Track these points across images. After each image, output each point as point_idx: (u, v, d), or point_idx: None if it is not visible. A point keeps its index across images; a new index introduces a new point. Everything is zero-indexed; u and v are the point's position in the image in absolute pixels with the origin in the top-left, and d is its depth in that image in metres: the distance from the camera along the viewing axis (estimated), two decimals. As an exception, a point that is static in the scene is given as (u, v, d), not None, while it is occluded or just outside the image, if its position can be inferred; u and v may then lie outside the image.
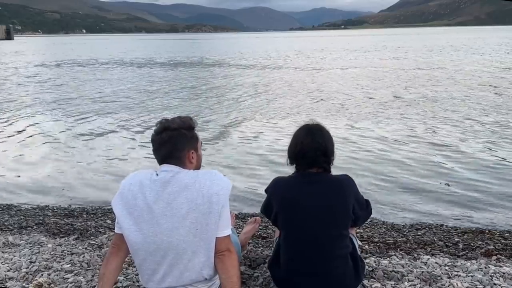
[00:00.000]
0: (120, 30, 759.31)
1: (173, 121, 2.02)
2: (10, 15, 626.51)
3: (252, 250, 3.04)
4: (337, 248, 2.15)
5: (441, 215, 4.66)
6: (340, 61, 29.49)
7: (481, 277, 2.58)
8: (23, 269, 2.84)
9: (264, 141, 8.14)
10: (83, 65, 30.29)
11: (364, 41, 74.72)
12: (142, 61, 33.63)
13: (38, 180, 6.24)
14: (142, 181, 1.93)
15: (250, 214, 4.61)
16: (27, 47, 76.42)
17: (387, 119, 9.84)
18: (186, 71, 24.72)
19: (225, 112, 11.34)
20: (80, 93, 15.68)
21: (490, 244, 3.54)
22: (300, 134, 2.26)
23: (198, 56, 39.93)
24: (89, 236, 3.83)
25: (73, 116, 11.07)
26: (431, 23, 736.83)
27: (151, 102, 13.25)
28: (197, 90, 16.13)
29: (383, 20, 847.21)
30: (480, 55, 30.32)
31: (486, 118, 9.58)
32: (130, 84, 18.37)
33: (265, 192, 2.34)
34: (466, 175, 5.92)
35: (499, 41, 54.09)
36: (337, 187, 2.18)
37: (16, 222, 4.41)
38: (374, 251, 3.27)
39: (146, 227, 1.89)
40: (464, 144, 7.48)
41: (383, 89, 14.76)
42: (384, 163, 6.59)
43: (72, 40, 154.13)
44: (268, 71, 23.12)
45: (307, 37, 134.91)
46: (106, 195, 5.41)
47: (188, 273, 1.93)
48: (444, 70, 20.37)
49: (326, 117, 10.10)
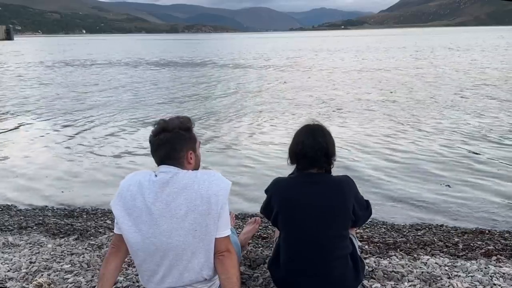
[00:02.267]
0: (120, 31, 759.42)
1: (171, 122, 2.02)
2: (10, 15, 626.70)
3: (252, 251, 3.04)
4: (337, 248, 2.15)
5: (441, 215, 4.66)
6: (340, 61, 29.52)
7: (481, 277, 2.58)
8: (23, 269, 2.84)
9: (264, 141, 8.14)
10: (83, 65, 30.28)
11: (363, 41, 74.72)
12: (142, 61, 33.62)
13: (38, 180, 6.24)
14: (141, 182, 1.93)
15: (250, 214, 4.61)
16: (27, 47, 76.40)
17: (386, 118, 9.84)
18: (187, 71, 24.73)
19: (224, 112, 11.33)
20: (80, 93, 15.67)
21: (490, 244, 3.54)
22: (301, 134, 2.26)
23: (199, 56, 39.96)
24: (89, 236, 3.83)
25: (73, 117, 11.06)
26: (431, 23, 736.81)
27: (150, 102, 13.25)
28: (197, 90, 16.12)
29: (383, 20, 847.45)
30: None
31: (486, 118, 9.59)
32: (130, 84, 18.37)
33: (265, 192, 2.34)
34: (467, 175, 5.91)
35: (494, 41, 54.08)
36: (337, 187, 2.18)
37: (16, 223, 4.41)
38: (374, 251, 3.27)
39: (145, 228, 1.89)
40: (464, 144, 7.48)
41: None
42: (384, 163, 6.58)
43: (72, 40, 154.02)
44: (268, 71, 23.12)
45: (307, 37, 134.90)
46: (106, 195, 5.41)
47: (187, 274, 1.93)
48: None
49: (326, 117, 10.10)
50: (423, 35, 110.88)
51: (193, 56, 39.74)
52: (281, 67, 25.35)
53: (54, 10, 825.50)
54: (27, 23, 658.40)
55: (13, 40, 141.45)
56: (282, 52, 44.22)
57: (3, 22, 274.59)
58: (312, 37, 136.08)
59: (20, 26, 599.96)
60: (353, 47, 50.59)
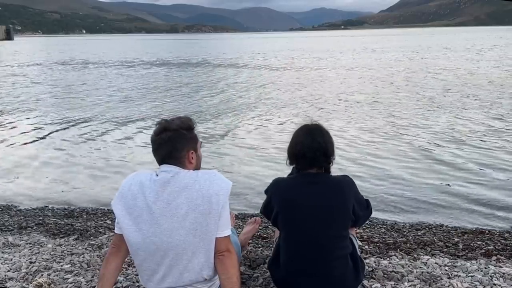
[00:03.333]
0: (120, 31, 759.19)
1: (172, 121, 2.02)
2: (10, 15, 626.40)
3: (252, 251, 3.04)
4: (337, 248, 2.15)
5: (441, 215, 4.66)
6: (340, 61, 29.53)
7: (481, 277, 2.58)
8: (23, 269, 2.84)
9: (264, 141, 8.14)
10: (83, 65, 30.28)
11: (361, 41, 74.68)
12: (142, 61, 33.61)
13: (38, 180, 6.24)
14: (142, 181, 1.93)
15: (250, 214, 4.61)
16: (27, 47, 76.39)
17: (385, 118, 9.84)
18: (186, 71, 24.73)
19: (225, 112, 11.34)
20: (80, 93, 15.68)
21: (490, 244, 3.54)
22: (300, 135, 2.26)
23: (198, 56, 39.94)
24: (89, 236, 3.83)
25: (73, 117, 11.06)
26: (431, 23, 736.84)
27: (150, 102, 13.25)
28: (197, 90, 16.12)
29: (383, 20, 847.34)
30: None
31: (486, 119, 9.59)
32: (130, 84, 18.37)
33: (265, 192, 2.34)
34: (467, 175, 5.91)
35: (492, 41, 54.10)
36: (337, 187, 2.18)
37: (16, 223, 4.41)
38: (374, 251, 3.27)
39: (145, 227, 1.89)
40: (464, 144, 7.48)
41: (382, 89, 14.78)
42: (384, 163, 6.58)
43: (72, 40, 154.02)
44: (268, 72, 23.11)
45: (307, 37, 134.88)
46: (106, 195, 5.42)
47: (187, 274, 1.93)
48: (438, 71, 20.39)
49: (327, 117, 10.11)
50: (423, 35, 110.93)
51: (191, 56, 39.73)
52: (276, 67, 25.32)
53: (54, 10, 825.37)
54: (27, 23, 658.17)
55: (13, 40, 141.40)
56: (278, 52, 44.18)
57: (3, 22, 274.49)
58: (311, 37, 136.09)
59: (20, 26, 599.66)
60: (351, 47, 50.64)
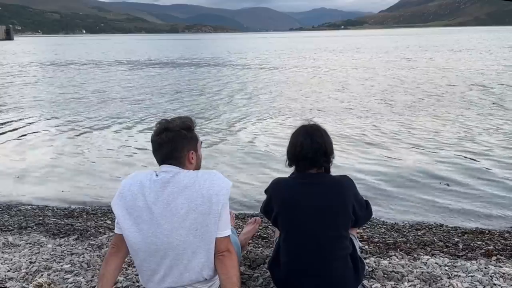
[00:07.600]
0: (120, 31, 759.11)
1: (172, 121, 2.03)
2: (10, 15, 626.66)
3: (252, 251, 3.04)
4: (337, 249, 2.15)
5: (441, 215, 4.65)
6: (339, 61, 29.54)
7: (481, 277, 2.58)
8: (23, 269, 2.84)
9: (264, 141, 8.13)
10: (83, 65, 30.27)
11: (360, 41, 74.75)
12: (142, 62, 33.61)
13: (37, 180, 6.24)
14: (142, 181, 1.93)
15: (250, 214, 4.61)
16: (27, 47, 76.36)
17: (385, 118, 9.84)
18: (186, 71, 24.73)
19: (225, 112, 11.33)
20: (80, 93, 15.67)
21: (490, 245, 3.54)
22: (299, 136, 2.25)
23: (198, 56, 39.95)
24: (89, 236, 3.82)
25: (73, 117, 11.06)
26: (431, 23, 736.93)
27: (151, 102, 13.24)
28: (197, 90, 16.12)
29: (383, 20, 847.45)
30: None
31: (486, 119, 9.59)
32: (130, 84, 18.36)
33: (265, 192, 2.34)
34: (466, 175, 5.91)
35: (491, 42, 54.12)
36: (337, 187, 2.19)
37: (16, 223, 4.40)
38: (374, 251, 3.27)
39: (145, 227, 1.89)
40: (464, 144, 7.48)
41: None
42: (384, 163, 6.58)
43: (72, 40, 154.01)
44: (268, 72, 23.11)
45: (306, 37, 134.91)
46: (106, 195, 5.41)
47: (187, 274, 1.93)
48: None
49: (327, 116, 10.11)
50: (423, 35, 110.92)
51: (191, 56, 39.73)
52: (275, 67, 25.34)
53: (54, 10, 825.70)
54: (27, 23, 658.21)
55: (13, 40, 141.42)
56: (277, 52, 44.18)
57: (3, 22, 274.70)
58: (310, 37, 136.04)
59: (20, 26, 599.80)
60: (349, 47, 50.64)
